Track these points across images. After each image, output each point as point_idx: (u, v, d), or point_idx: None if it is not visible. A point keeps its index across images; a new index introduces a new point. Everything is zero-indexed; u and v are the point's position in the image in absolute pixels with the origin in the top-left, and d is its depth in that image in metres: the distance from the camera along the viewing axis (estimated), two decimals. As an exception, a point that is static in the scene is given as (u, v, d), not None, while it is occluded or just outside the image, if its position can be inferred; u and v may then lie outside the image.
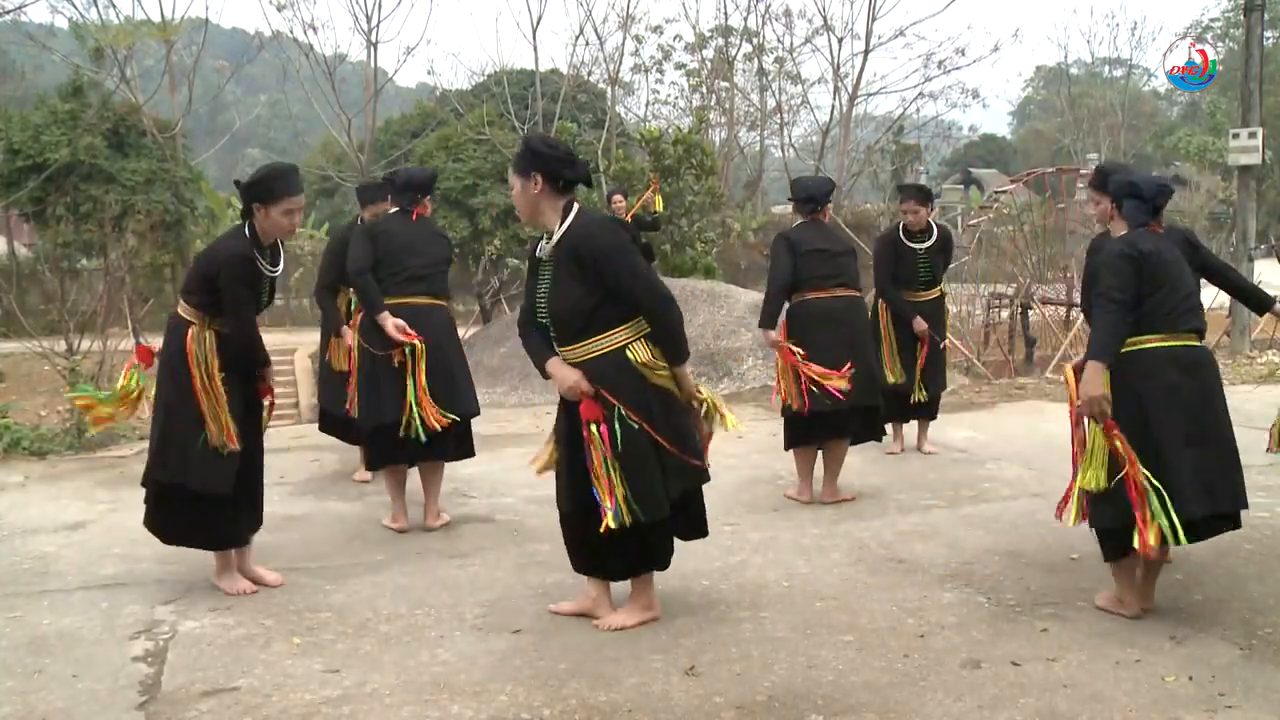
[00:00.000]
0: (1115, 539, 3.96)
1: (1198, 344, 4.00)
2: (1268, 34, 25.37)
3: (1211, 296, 5.74)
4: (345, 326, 6.19)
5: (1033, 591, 4.39)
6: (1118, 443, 3.83)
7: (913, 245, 7.02)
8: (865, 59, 23.15)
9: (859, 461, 6.80)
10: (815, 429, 5.82)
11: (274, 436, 6.71)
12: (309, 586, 4.53)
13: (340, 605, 4.31)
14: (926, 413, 7.21)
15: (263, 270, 4.34)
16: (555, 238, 3.88)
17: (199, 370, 4.23)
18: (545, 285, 3.92)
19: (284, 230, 4.32)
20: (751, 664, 3.68)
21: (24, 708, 3.41)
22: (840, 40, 23.28)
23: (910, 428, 7.32)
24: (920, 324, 6.86)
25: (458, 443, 5.53)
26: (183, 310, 4.36)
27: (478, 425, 6.89)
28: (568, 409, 3.92)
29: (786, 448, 6.05)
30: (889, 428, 6.89)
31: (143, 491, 4.48)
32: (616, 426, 3.75)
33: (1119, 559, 4.03)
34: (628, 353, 3.81)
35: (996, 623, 4.05)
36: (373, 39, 19.68)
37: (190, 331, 4.27)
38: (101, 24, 19.53)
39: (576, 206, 3.94)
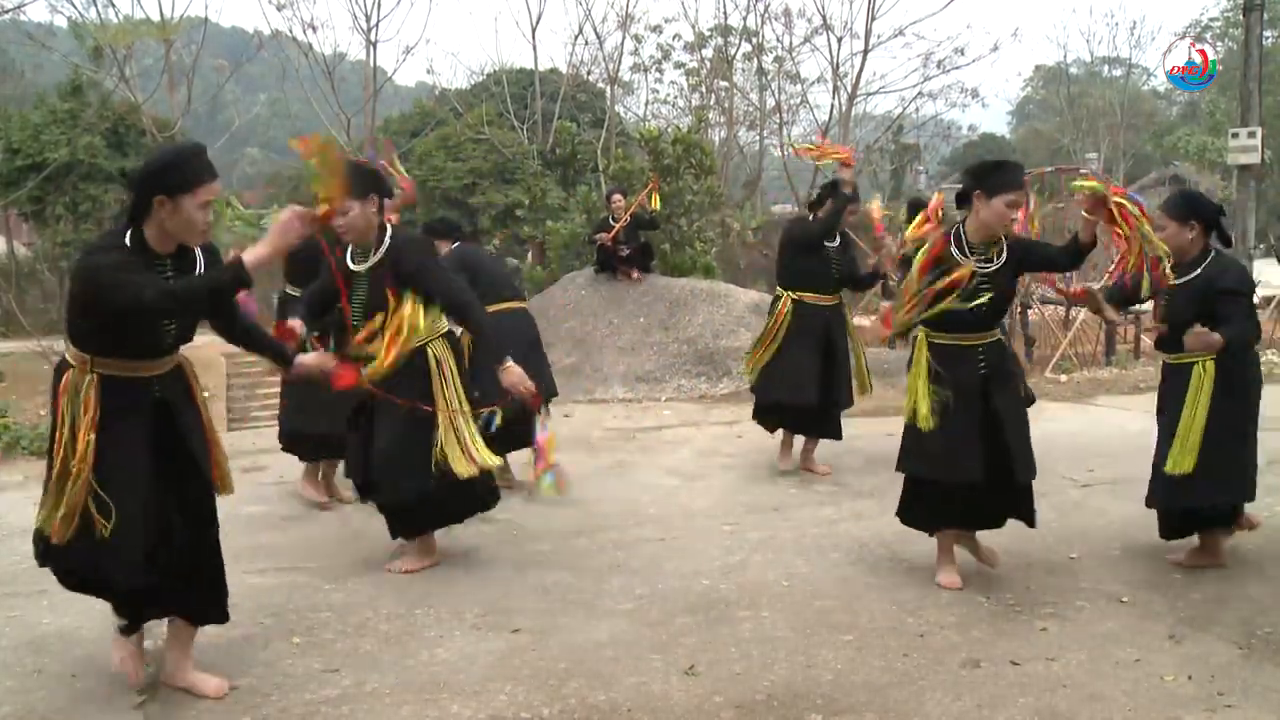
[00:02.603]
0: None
1: None
2: (1267, 33, 25.38)
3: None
4: None
5: (1032, 591, 4.39)
6: None
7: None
8: (864, 58, 23.17)
9: (859, 461, 6.81)
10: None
11: (269, 435, 6.72)
12: (308, 586, 4.53)
13: (339, 605, 4.30)
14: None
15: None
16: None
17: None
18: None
19: (196, 230, 3.23)
20: (751, 663, 3.68)
21: (23, 707, 3.41)
22: (839, 39, 23.29)
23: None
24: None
25: None
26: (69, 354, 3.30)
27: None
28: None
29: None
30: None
31: None
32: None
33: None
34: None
35: (996, 622, 4.05)
36: (372, 38, 19.71)
37: (66, 376, 3.26)
38: (100, 23, 19.50)
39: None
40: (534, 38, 25.78)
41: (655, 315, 10.69)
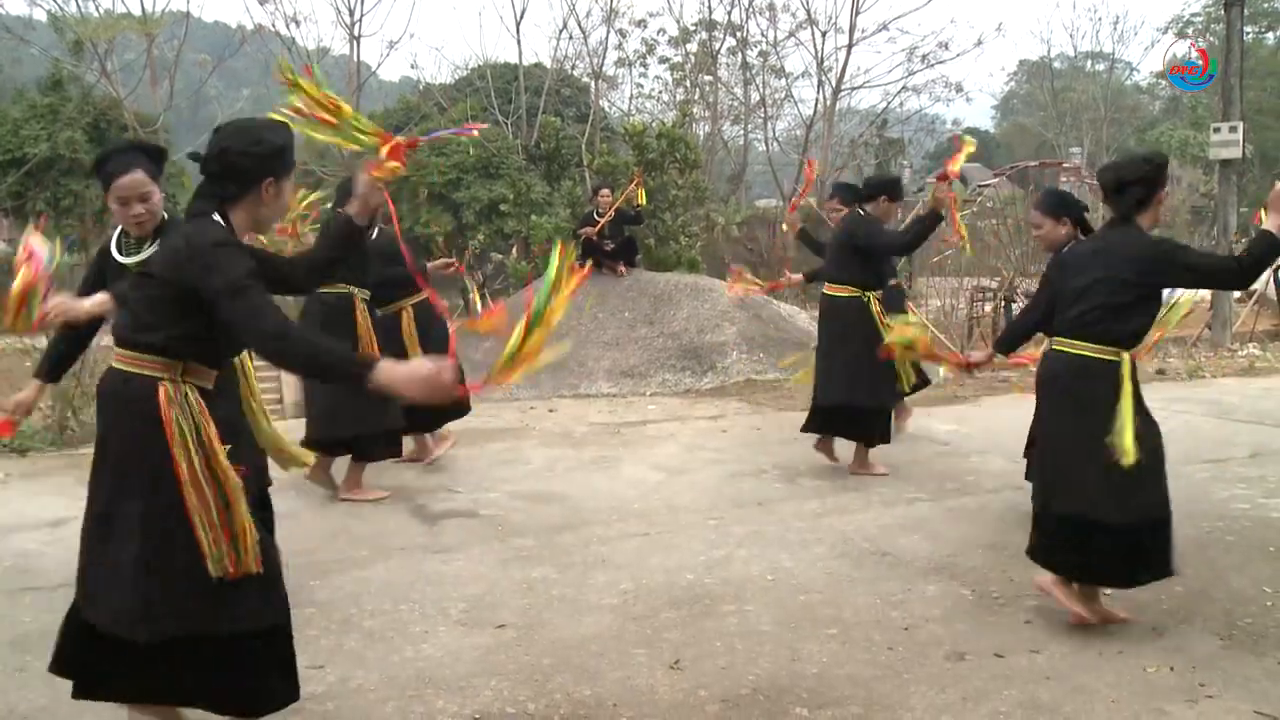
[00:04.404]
0: None
1: None
2: (1248, 29, 25.51)
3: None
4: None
5: (1016, 584, 4.40)
6: None
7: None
8: (849, 53, 23.22)
9: (844, 455, 6.82)
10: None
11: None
12: (292, 582, 4.48)
13: (324, 601, 4.29)
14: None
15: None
16: None
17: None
18: None
19: (281, 217, 3.16)
20: (736, 658, 3.68)
21: (5, 707, 3.39)
22: (824, 34, 23.32)
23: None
24: None
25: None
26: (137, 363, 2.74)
27: (460, 420, 6.90)
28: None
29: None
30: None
31: None
32: None
33: None
34: None
35: (980, 615, 4.07)
36: (355, 33, 19.62)
37: (162, 391, 2.70)
38: (81, 17, 19.39)
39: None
40: (518, 32, 25.95)
41: (640, 310, 10.68)
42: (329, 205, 5.60)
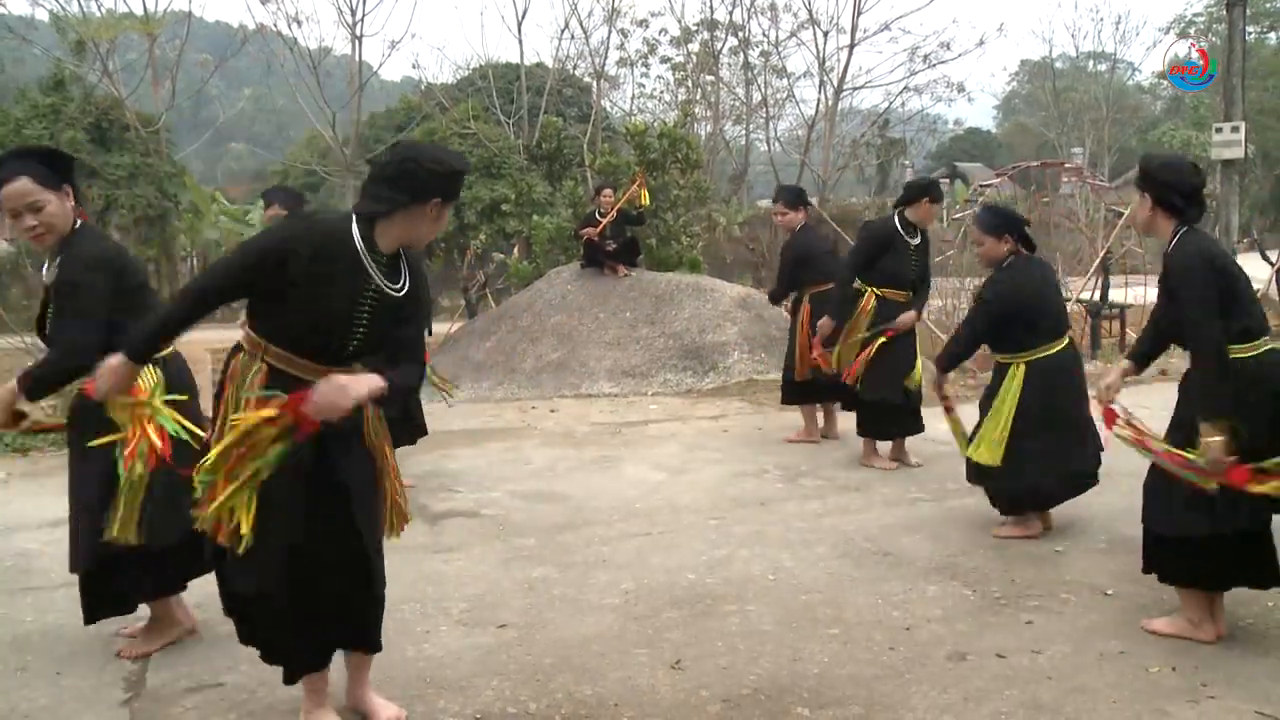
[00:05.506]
0: None
1: None
2: (1249, 29, 25.46)
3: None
4: None
5: (1017, 584, 4.41)
6: None
7: None
8: (850, 53, 23.11)
9: (845, 455, 6.83)
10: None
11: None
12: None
13: (325, 601, 4.29)
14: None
15: (372, 279, 2.94)
16: None
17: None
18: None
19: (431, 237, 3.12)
20: (737, 657, 3.68)
21: (6, 706, 3.39)
22: (825, 34, 23.25)
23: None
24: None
25: None
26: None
27: (462, 419, 6.90)
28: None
29: None
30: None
31: None
32: None
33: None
34: None
35: (981, 615, 4.07)
36: (357, 32, 19.59)
37: (236, 360, 3.04)
38: (83, 17, 19.38)
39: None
40: (520, 32, 25.91)
41: (641, 310, 10.68)
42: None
